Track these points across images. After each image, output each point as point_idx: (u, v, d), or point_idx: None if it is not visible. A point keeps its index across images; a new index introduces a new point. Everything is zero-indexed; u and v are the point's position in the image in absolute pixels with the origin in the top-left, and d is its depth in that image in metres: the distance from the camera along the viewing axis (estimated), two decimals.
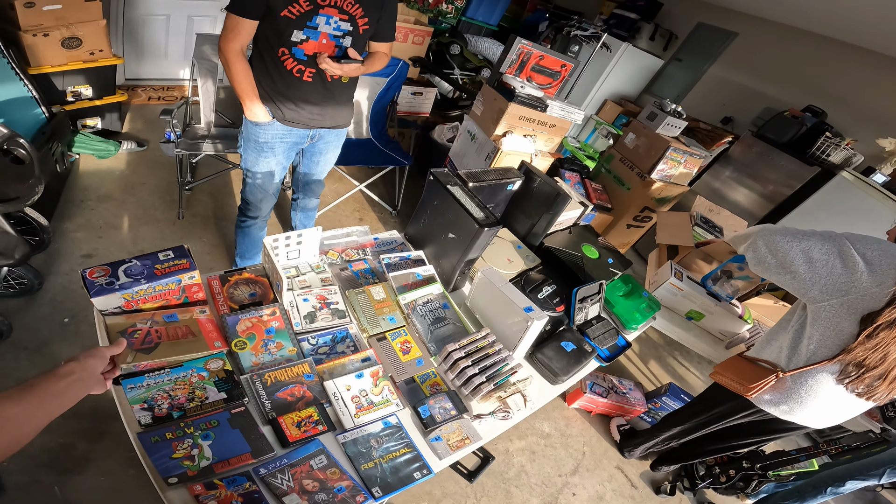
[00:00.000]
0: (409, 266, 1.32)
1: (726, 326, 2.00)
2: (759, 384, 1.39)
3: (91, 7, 2.39)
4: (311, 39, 1.43)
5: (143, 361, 0.83)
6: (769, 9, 3.43)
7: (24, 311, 1.69)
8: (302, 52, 1.45)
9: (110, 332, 0.85)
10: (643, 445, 2.03)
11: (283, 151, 1.69)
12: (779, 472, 1.97)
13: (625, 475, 2.07)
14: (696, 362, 2.99)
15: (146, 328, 0.88)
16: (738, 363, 1.52)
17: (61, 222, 2.09)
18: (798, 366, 1.34)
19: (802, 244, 1.29)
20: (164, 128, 2.14)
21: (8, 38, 2.11)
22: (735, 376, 1.47)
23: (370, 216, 3.00)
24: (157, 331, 0.88)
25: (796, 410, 1.42)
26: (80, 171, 2.44)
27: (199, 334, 0.92)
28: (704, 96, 4.03)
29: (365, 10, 1.46)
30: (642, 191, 2.71)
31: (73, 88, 2.51)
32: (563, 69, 2.49)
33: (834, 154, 2.81)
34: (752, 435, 1.72)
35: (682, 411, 1.90)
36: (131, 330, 0.86)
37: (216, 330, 0.95)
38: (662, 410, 2.23)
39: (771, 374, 1.38)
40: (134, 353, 0.83)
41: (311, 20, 1.39)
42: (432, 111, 3.46)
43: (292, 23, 1.38)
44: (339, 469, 0.83)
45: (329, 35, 1.45)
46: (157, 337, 0.87)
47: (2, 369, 1.50)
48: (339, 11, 1.41)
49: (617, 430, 2.20)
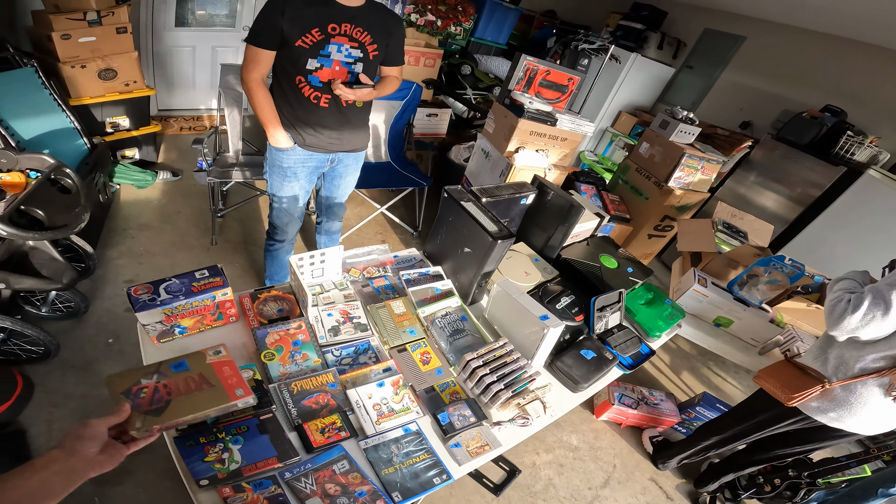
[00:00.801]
0: (427, 281, 1.35)
1: (757, 332, 1.95)
2: (803, 394, 1.37)
3: (123, 39, 2.56)
4: (325, 67, 1.53)
5: (155, 426, 0.68)
6: (773, 11, 3.42)
7: (71, 332, 1.81)
8: (317, 79, 1.54)
9: (111, 391, 0.71)
10: (678, 456, 1.97)
11: (306, 176, 1.77)
12: (829, 480, 1.87)
13: (659, 487, 2.00)
14: (732, 372, 2.89)
15: (152, 384, 0.73)
16: (785, 369, 1.48)
17: (105, 250, 2.24)
18: (847, 376, 1.32)
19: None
20: (196, 157, 2.27)
21: (48, 69, 2.27)
22: (778, 383, 1.45)
23: (392, 238, 3.08)
24: (166, 385, 0.74)
25: (845, 418, 1.38)
26: (121, 201, 2.62)
27: (216, 382, 0.78)
28: (720, 102, 3.99)
29: (373, 37, 1.55)
30: (660, 200, 2.69)
31: (111, 119, 2.68)
32: (571, 83, 2.54)
33: (859, 153, 2.74)
34: (799, 443, 1.65)
35: (721, 419, 1.84)
36: (136, 388, 0.72)
37: (235, 374, 0.80)
38: (697, 420, 2.16)
39: (816, 385, 1.36)
40: (143, 417, 0.68)
41: (323, 49, 1.48)
42: (448, 132, 3.54)
43: (306, 52, 1.47)
44: (361, 474, 0.86)
45: (341, 62, 1.54)
46: (167, 393, 0.73)
47: (50, 386, 1.61)
48: (349, 40, 1.51)
49: (649, 442, 2.14)
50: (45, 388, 1.59)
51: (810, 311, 2.10)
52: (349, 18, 1.48)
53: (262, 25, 1.44)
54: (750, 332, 1.96)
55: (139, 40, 3.14)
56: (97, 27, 2.41)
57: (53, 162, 1.61)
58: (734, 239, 2.37)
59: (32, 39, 2.60)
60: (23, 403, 1.51)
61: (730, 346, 1.96)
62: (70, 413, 1.55)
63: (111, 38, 2.51)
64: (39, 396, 1.56)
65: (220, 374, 0.79)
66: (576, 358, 1.31)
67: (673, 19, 4.33)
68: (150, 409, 0.70)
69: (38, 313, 1.79)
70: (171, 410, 0.71)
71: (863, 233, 2.71)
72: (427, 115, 3.33)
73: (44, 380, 1.61)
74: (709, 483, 1.97)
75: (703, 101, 4.11)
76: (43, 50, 2.45)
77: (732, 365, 2.86)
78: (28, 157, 1.59)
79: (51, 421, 1.52)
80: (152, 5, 3.17)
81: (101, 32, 2.44)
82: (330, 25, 1.46)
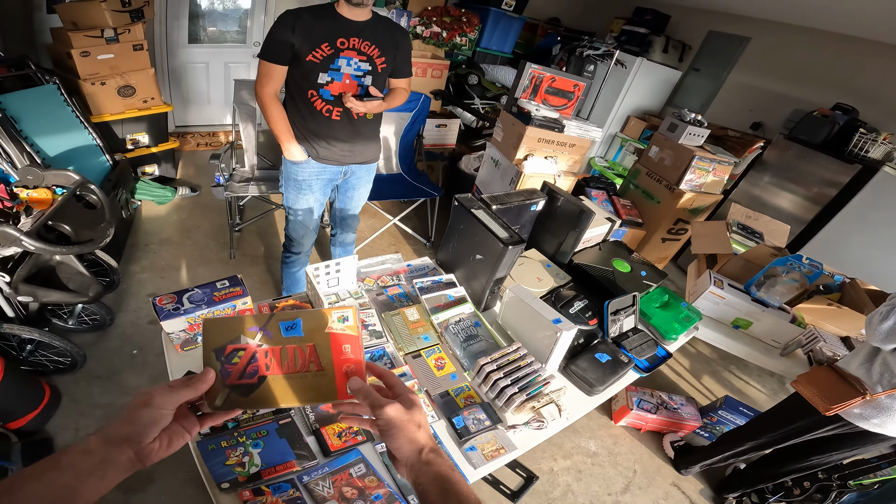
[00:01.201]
0: (440, 289, 1.37)
1: (778, 333, 1.92)
2: (842, 405, 1.38)
3: (140, 56, 2.64)
4: (336, 80, 1.57)
5: (236, 409, 0.53)
6: (775, 11, 3.42)
7: (97, 344, 1.88)
8: (328, 92, 1.59)
9: (205, 342, 0.55)
10: (701, 462, 1.94)
11: (320, 188, 1.82)
12: (861, 482, 1.81)
13: (682, 492, 1.96)
14: (756, 375, 2.83)
15: (252, 348, 0.56)
16: (825, 375, 1.48)
17: (128, 265, 2.32)
18: (893, 385, 1.33)
19: None
20: (213, 172, 2.35)
21: (69, 87, 2.33)
22: (818, 390, 1.45)
23: (405, 249, 3.11)
24: (268, 353, 0.56)
25: (888, 424, 1.38)
26: (143, 217, 2.71)
27: (328, 365, 0.58)
28: (729, 104, 3.97)
29: (381, 50, 1.59)
30: (672, 203, 2.68)
31: (131, 136, 2.75)
32: (577, 89, 2.55)
33: (873, 150, 2.70)
34: (838, 450, 1.61)
35: (754, 425, 1.80)
36: (232, 348, 0.55)
37: (356, 354, 0.59)
38: (720, 424, 2.12)
39: (857, 397, 1.36)
40: (226, 394, 0.53)
41: (333, 63, 1.53)
42: (458, 142, 3.58)
43: (317, 66, 1.52)
44: (377, 477, 0.87)
45: (351, 75, 1.58)
46: (265, 367, 0.56)
47: (77, 396, 1.67)
48: (357, 53, 1.55)
49: (670, 447, 2.10)
50: (71, 398, 1.65)
51: (831, 311, 2.05)
52: (357, 32, 1.53)
53: (273, 41, 1.49)
54: (770, 333, 1.93)
55: (154, 57, 3.24)
56: (115, 44, 2.50)
57: (79, 178, 1.68)
58: (749, 240, 2.34)
59: (53, 57, 2.69)
60: (50, 412, 1.57)
61: (750, 347, 1.93)
62: (95, 423, 1.60)
63: (128, 55, 2.58)
64: (66, 406, 1.62)
65: (337, 354, 0.59)
66: (590, 361, 1.31)
67: (676, 22, 4.33)
68: (238, 383, 0.54)
69: (66, 326, 1.85)
70: (261, 393, 0.54)
71: (883, 230, 2.66)
72: (436, 125, 3.38)
73: (70, 390, 1.67)
74: (735, 489, 1.93)
75: (712, 104, 4.08)
76: (63, 67, 2.52)
77: (756, 368, 2.81)
78: (54, 174, 1.66)
79: (77, 429, 1.57)
80: (166, 22, 3.28)
81: (118, 50, 2.52)
82: (339, 40, 1.50)
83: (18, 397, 1.48)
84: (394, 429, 0.54)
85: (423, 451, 0.54)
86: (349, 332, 0.61)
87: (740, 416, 2.07)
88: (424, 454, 0.54)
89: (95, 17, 2.44)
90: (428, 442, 0.55)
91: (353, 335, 0.60)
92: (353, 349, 0.60)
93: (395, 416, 0.54)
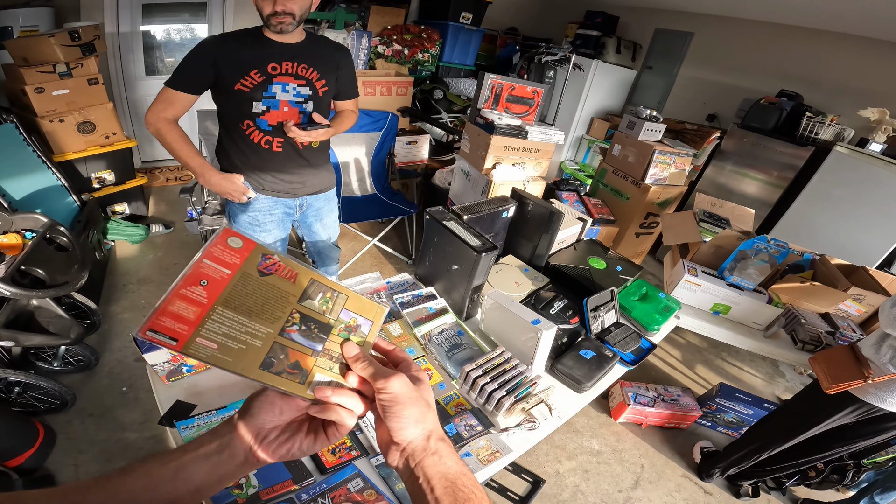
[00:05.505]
0: (421, 302, 1.38)
1: (757, 315, 1.95)
2: (843, 385, 1.41)
3: (96, 91, 2.56)
4: (273, 109, 1.44)
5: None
6: (713, 5, 3.63)
7: (86, 383, 1.86)
8: (265, 122, 1.45)
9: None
10: (724, 464, 1.92)
11: (277, 224, 1.65)
12: (875, 459, 1.84)
13: (694, 483, 1.98)
14: (748, 360, 2.89)
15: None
16: (839, 354, 1.51)
17: (108, 305, 2.27)
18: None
19: None
20: (186, 206, 2.32)
21: (28, 125, 2.24)
22: (826, 367, 1.48)
23: (387, 268, 3.10)
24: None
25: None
26: (118, 257, 2.66)
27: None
28: (683, 98, 4.15)
29: (321, 72, 1.47)
30: (641, 198, 2.77)
31: (97, 174, 2.67)
32: (536, 95, 2.61)
33: (822, 132, 2.86)
34: (860, 437, 1.60)
35: (776, 417, 1.80)
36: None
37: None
38: (720, 412, 2.15)
39: (859, 379, 1.39)
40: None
41: (266, 90, 1.40)
42: (430, 157, 3.60)
43: (248, 95, 1.39)
44: (376, 490, 0.87)
45: (290, 102, 1.45)
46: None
47: (72, 433, 1.67)
48: (294, 78, 1.42)
49: (699, 452, 2.09)
50: (68, 436, 1.64)
51: (805, 288, 2.11)
52: (291, 56, 1.41)
53: (185, 70, 1.39)
54: (750, 316, 1.97)
55: (112, 91, 3.15)
56: (69, 79, 2.44)
57: (47, 221, 1.64)
58: (717, 227, 2.43)
59: (8, 95, 2.59)
60: (47, 450, 1.57)
61: (733, 332, 1.96)
62: (94, 458, 1.59)
63: (84, 90, 2.51)
64: (63, 443, 1.61)
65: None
66: (576, 359, 1.33)
67: (626, 23, 4.50)
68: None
69: (51, 367, 1.82)
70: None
71: (845, 206, 2.79)
72: (406, 143, 3.41)
73: (65, 428, 1.66)
74: (750, 478, 1.93)
75: (668, 99, 4.26)
76: (20, 105, 2.44)
77: (748, 354, 2.86)
78: (22, 218, 1.62)
79: (77, 465, 1.57)
80: (120, 56, 3.20)
81: (73, 84, 2.45)
82: (270, 65, 1.39)
83: (11, 436, 1.48)
84: (398, 405, 0.46)
85: (432, 436, 0.47)
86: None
87: (737, 401, 2.10)
88: (433, 440, 0.47)
89: (45, 52, 2.37)
90: (437, 427, 0.49)
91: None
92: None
93: (403, 390, 0.46)
